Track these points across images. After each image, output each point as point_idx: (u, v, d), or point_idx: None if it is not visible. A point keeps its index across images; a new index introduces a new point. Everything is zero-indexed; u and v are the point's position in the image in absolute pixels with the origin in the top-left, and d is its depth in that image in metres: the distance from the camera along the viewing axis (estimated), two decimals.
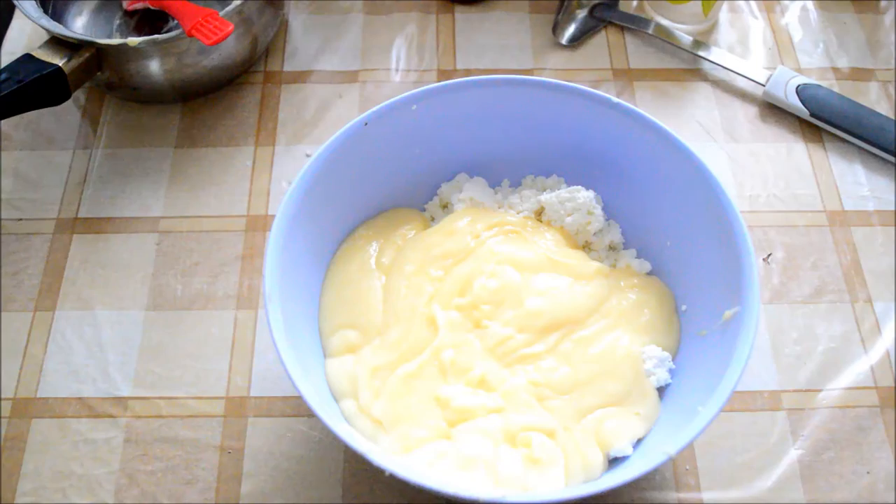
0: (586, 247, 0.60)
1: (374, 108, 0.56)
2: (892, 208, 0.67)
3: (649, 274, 0.58)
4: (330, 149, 0.55)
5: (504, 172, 0.63)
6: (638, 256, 0.59)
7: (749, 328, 0.48)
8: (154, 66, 0.67)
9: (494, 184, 0.63)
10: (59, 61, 0.63)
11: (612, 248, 0.60)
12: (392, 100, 0.57)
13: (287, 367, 0.47)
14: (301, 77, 0.75)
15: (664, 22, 0.78)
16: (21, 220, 0.66)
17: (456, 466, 0.48)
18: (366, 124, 0.56)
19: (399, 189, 0.61)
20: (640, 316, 0.55)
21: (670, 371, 0.54)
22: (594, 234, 0.59)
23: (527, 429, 0.50)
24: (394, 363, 0.52)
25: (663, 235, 0.58)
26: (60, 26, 0.67)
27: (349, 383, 0.52)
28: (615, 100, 0.57)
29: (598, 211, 0.59)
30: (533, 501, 0.46)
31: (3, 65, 0.63)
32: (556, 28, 0.78)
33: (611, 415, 0.51)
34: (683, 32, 0.77)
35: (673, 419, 0.50)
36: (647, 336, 0.54)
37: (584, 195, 0.58)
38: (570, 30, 0.78)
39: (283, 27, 0.78)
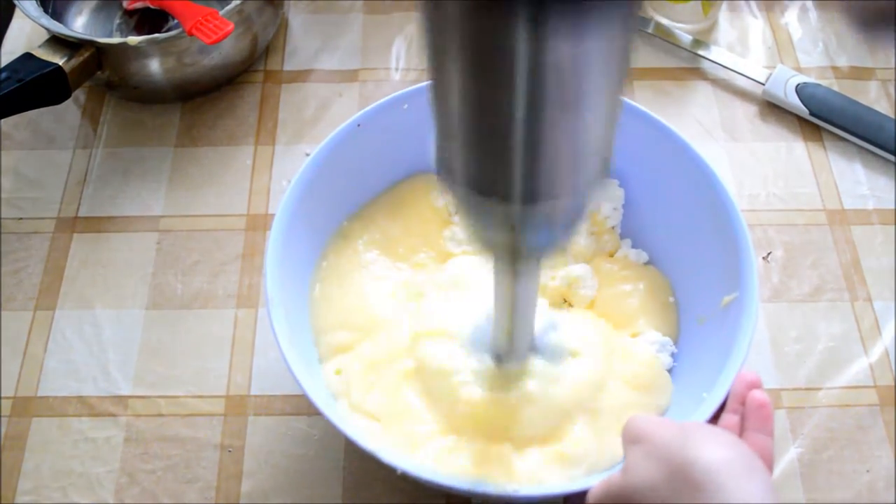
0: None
1: (366, 109, 0.57)
2: (892, 207, 0.67)
3: (646, 264, 0.59)
4: (324, 151, 0.55)
5: None
6: (634, 246, 0.60)
7: (750, 312, 0.48)
8: (154, 66, 0.67)
9: None
10: (60, 60, 0.63)
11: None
12: (382, 100, 0.57)
13: (291, 368, 0.47)
14: (301, 76, 0.75)
15: (664, 21, 0.78)
16: (21, 219, 0.66)
17: (468, 458, 0.48)
18: (358, 125, 0.56)
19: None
20: (630, 304, 0.56)
21: (672, 356, 0.54)
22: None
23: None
24: (391, 356, 0.52)
25: (659, 225, 0.58)
26: (60, 25, 0.67)
27: (342, 383, 0.52)
28: None
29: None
30: (545, 494, 0.46)
31: (4, 64, 0.63)
32: None
33: (632, 405, 0.51)
34: (683, 31, 0.77)
35: (679, 407, 0.51)
36: (643, 324, 0.55)
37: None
38: None
39: (283, 26, 0.78)
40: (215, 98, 0.73)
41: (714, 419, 0.45)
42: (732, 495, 0.35)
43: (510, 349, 0.48)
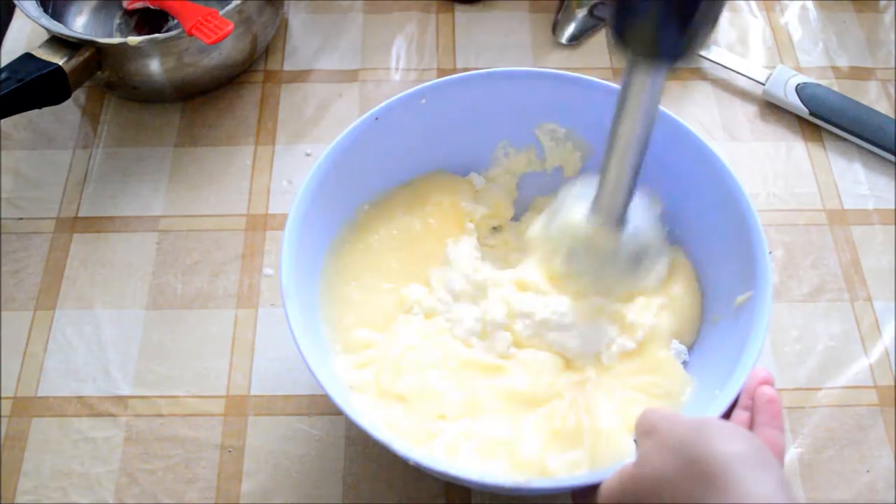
0: None
1: (385, 103, 0.57)
2: (892, 207, 0.67)
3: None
4: (342, 144, 0.55)
5: None
6: None
7: (763, 311, 0.48)
8: (154, 66, 0.67)
9: None
10: (60, 60, 0.63)
11: None
12: (402, 94, 0.57)
13: (307, 360, 0.47)
14: (301, 76, 0.75)
15: None
16: (21, 219, 0.66)
17: (477, 450, 0.48)
18: (376, 119, 0.56)
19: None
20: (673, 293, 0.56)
21: (684, 362, 0.54)
22: None
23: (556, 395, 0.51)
24: (418, 345, 0.53)
25: (673, 224, 0.58)
26: (60, 25, 0.67)
27: (368, 373, 0.52)
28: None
29: None
30: (557, 486, 0.46)
31: (4, 64, 0.63)
32: (556, 27, 0.78)
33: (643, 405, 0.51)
34: None
35: (692, 403, 0.51)
36: (679, 319, 0.55)
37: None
38: (570, 29, 0.78)
39: (283, 26, 0.78)
40: (215, 98, 0.73)
41: (726, 416, 0.45)
42: (748, 489, 0.35)
43: (611, 199, 0.50)
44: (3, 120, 0.69)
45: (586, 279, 0.53)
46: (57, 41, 0.64)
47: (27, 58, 0.63)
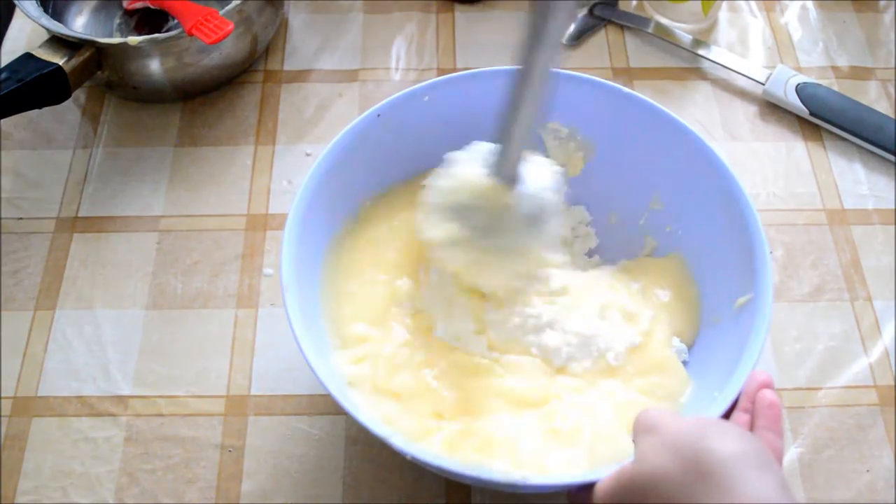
0: None
1: (387, 100, 0.57)
2: (892, 207, 0.67)
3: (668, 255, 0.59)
4: (343, 141, 0.55)
5: None
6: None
7: (763, 314, 0.48)
8: (154, 65, 0.67)
9: None
10: (60, 60, 0.63)
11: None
12: (404, 91, 0.57)
13: (306, 355, 0.47)
14: (301, 76, 0.75)
15: (664, 21, 0.78)
16: (21, 219, 0.66)
17: (476, 448, 0.48)
18: (378, 116, 0.56)
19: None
20: (661, 297, 0.56)
21: (684, 362, 0.54)
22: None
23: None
24: (409, 341, 0.53)
25: (673, 224, 0.58)
26: (61, 25, 0.67)
27: (364, 369, 0.52)
28: (625, 90, 0.58)
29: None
30: (554, 483, 0.46)
31: (4, 64, 0.63)
32: None
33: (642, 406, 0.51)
34: (683, 31, 0.77)
35: (691, 405, 0.51)
36: (677, 316, 0.55)
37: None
38: (570, 29, 0.78)
39: (283, 26, 0.78)
40: (215, 98, 0.73)
41: (725, 419, 0.45)
42: (748, 489, 0.35)
43: (507, 150, 0.50)
44: (3, 120, 0.69)
45: (483, 242, 0.51)
46: (57, 41, 0.64)
47: (27, 58, 0.63)
